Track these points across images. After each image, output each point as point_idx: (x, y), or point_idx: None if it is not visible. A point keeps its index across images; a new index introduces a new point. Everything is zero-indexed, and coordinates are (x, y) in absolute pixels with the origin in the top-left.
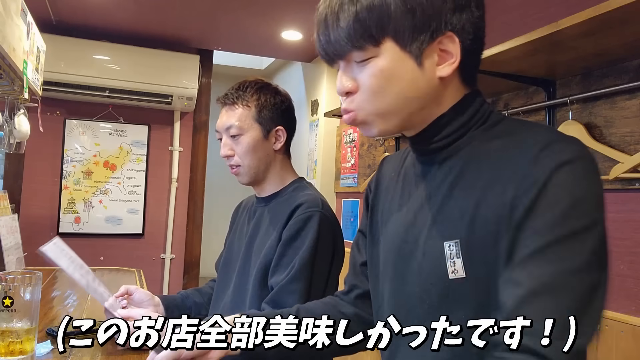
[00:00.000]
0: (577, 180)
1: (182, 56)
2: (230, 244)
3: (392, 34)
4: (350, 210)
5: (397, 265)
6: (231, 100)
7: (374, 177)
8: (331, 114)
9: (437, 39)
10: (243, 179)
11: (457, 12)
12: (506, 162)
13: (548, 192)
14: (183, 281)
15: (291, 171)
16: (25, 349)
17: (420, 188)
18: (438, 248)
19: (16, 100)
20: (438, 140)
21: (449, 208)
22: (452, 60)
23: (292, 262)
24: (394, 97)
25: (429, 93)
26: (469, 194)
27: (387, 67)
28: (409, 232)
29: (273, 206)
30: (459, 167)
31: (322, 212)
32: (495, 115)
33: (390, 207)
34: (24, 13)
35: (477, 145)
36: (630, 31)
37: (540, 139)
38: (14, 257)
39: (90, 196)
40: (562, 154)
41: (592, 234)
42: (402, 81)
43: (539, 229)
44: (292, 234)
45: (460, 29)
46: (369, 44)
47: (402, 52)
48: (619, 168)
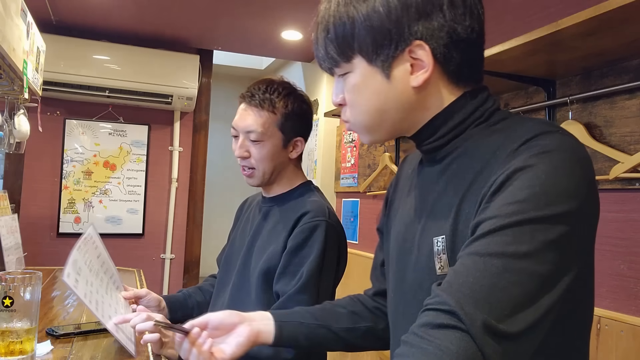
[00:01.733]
0: (551, 169)
1: (182, 56)
2: (232, 240)
3: (358, 50)
4: (350, 210)
5: (398, 262)
6: (258, 101)
7: (397, 174)
8: (331, 114)
9: (404, 49)
10: (254, 182)
11: (423, 20)
12: (492, 157)
13: (514, 178)
14: (183, 281)
15: (300, 174)
16: (25, 349)
17: (420, 185)
18: (429, 244)
19: (16, 100)
20: (433, 140)
21: (440, 204)
22: (424, 69)
23: (299, 272)
24: (371, 111)
25: (405, 103)
26: (458, 189)
27: (358, 82)
28: (408, 229)
29: (279, 208)
30: (455, 163)
31: (328, 222)
32: (500, 113)
33: (399, 205)
34: (24, 13)
35: (474, 142)
36: (630, 31)
37: (525, 133)
38: (14, 257)
39: (90, 196)
40: (541, 145)
41: (553, 226)
42: (374, 95)
43: (496, 212)
44: (299, 242)
45: (429, 36)
46: (342, 60)
47: (369, 66)
48: (619, 168)
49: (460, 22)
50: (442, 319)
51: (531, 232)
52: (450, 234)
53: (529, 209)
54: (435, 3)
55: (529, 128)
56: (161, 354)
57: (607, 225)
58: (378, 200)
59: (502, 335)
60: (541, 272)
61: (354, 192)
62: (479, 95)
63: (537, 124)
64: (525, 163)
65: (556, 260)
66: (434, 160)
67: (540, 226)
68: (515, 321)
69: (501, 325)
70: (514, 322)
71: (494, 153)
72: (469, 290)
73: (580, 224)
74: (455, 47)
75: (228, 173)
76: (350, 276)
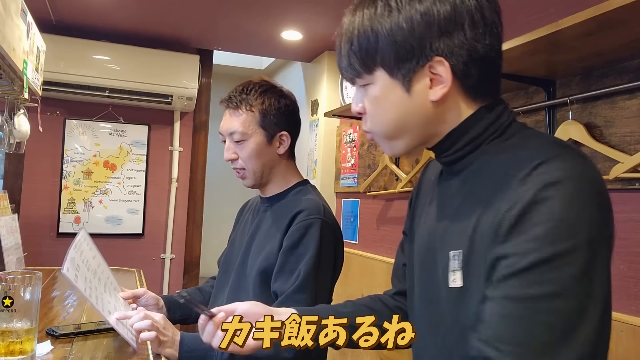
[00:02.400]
0: (563, 201)
1: (182, 56)
2: (232, 242)
3: (380, 63)
4: (350, 210)
5: (421, 270)
6: (235, 104)
7: (420, 177)
8: (331, 114)
9: (425, 65)
10: (248, 182)
11: (444, 37)
12: (503, 178)
13: (530, 213)
14: (183, 281)
15: (295, 173)
16: (25, 349)
17: (440, 197)
18: (446, 256)
19: (16, 100)
20: (449, 154)
21: (458, 219)
22: (442, 85)
23: (296, 271)
24: (390, 122)
25: (423, 116)
26: (475, 206)
27: (378, 94)
28: (430, 240)
29: (275, 208)
30: (471, 179)
31: (323, 219)
32: (515, 126)
33: (422, 212)
34: (24, 13)
35: (488, 158)
36: (630, 31)
37: (535, 157)
38: (14, 257)
39: (90, 196)
40: (551, 173)
41: (576, 258)
42: (393, 107)
43: (516, 250)
44: (294, 241)
45: (449, 53)
46: (364, 72)
47: (390, 79)
48: (619, 168)
49: (480, 41)
50: None
51: (555, 270)
52: (467, 250)
53: (548, 244)
54: (457, 22)
55: (538, 149)
56: (160, 353)
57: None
58: (378, 200)
59: None
60: (573, 308)
61: (354, 192)
62: (494, 109)
63: (546, 144)
64: (539, 196)
65: (585, 291)
66: (452, 172)
67: (563, 260)
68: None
69: None
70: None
71: (506, 173)
72: (508, 342)
73: (601, 247)
74: (474, 64)
75: (228, 173)
76: (350, 276)
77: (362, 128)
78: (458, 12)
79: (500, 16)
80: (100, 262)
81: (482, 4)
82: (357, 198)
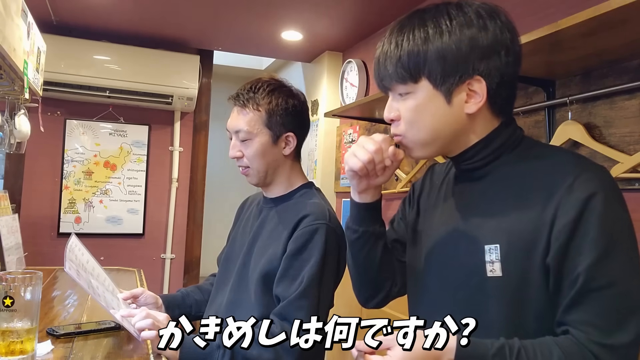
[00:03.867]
0: (606, 207)
1: (182, 56)
2: (233, 240)
3: (427, 75)
4: None
5: (438, 267)
6: (242, 102)
7: (420, 180)
8: (331, 114)
9: (465, 81)
10: (252, 180)
11: (485, 60)
12: (540, 185)
13: (584, 218)
14: (183, 281)
15: (300, 175)
16: (26, 349)
17: (461, 201)
18: (479, 250)
19: (16, 101)
20: (473, 162)
21: (488, 218)
22: (478, 100)
23: (299, 276)
24: (427, 129)
25: (458, 126)
26: (506, 207)
27: (420, 103)
28: (450, 238)
29: (279, 210)
30: (496, 184)
31: (329, 225)
32: (527, 140)
33: (433, 214)
34: (24, 13)
35: (512, 166)
36: (630, 31)
37: (571, 170)
38: (15, 257)
39: (91, 196)
40: (590, 185)
41: (625, 249)
42: (433, 115)
43: (584, 250)
44: (299, 246)
45: (486, 73)
46: (409, 80)
47: (434, 90)
48: (619, 168)
49: (511, 67)
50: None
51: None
52: (505, 244)
53: (606, 244)
54: (496, 49)
55: (565, 163)
56: (161, 353)
57: None
58: None
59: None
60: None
61: None
62: (511, 125)
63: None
64: (586, 207)
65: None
66: (471, 178)
67: (617, 252)
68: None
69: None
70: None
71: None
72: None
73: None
74: (503, 86)
75: (228, 173)
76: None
77: (391, 132)
78: (497, 41)
79: (521, 48)
80: (94, 265)
81: (514, 39)
82: None
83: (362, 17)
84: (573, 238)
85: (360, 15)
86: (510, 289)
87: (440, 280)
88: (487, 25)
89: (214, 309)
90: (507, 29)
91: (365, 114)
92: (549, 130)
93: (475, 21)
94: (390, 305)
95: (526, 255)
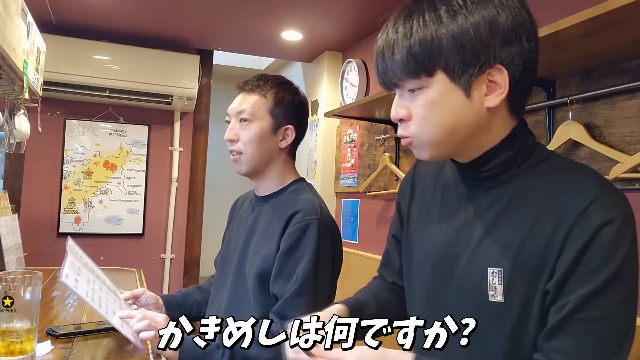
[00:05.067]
0: (617, 239)
1: (182, 56)
2: (227, 241)
3: (443, 67)
4: (350, 210)
5: (435, 276)
6: (250, 87)
7: (408, 181)
8: (331, 114)
9: (486, 71)
10: (241, 168)
11: (506, 46)
12: (555, 206)
13: (592, 247)
14: (183, 281)
15: (293, 172)
16: (25, 349)
17: (465, 209)
18: (481, 271)
19: (16, 101)
20: (486, 170)
21: (495, 236)
22: (500, 91)
23: (294, 274)
24: (444, 127)
25: (477, 122)
26: (516, 227)
27: (436, 99)
28: (450, 249)
29: (271, 206)
30: (506, 198)
31: (320, 219)
32: (540, 150)
33: (428, 217)
34: (24, 13)
35: (525, 180)
36: (630, 31)
37: (588, 192)
38: (14, 257)
39: (91, 196)
40: (607, 211)
41: (624, 284)
42: (451, 112)
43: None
44: (291, 243)
45: (509, 61)
46: (423, 74)
47: (451, 83)
48: (619, 168)
49: (533, 54)
50: None
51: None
52: (509, 269)
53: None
54: (517, 34)
55: (582, 184)
56: (161, 353)
57: None
58: (378, 200)
59: None
60: (621, 328)
61: (354, 192)
62: (523, 129)
63: (589, 180)
64: (596, 235)
65: (628, 313)
66: (478, 186)
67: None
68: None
69: None
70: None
71: (555, 204)
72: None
73: (636, 271)
74: (526, 75)
75: (228, 173)
76: (350, 276)
77: (399, 134)
78: (518, 24)
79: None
80: (93, 267)
81: (533, 21)
82: (357, 198)
83: (362, 17)
84: (576, 266)
85: (360, 15)
86: (512, 316)
87: (437, 293)
88: (505, 3)
89: (214, 312)
90: (524, 10)
91: (365, 114)
92: (549, 130)
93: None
94: None
95: (531, 282)
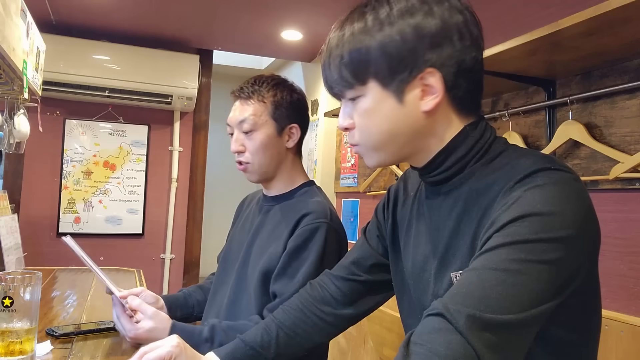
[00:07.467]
0: (543, 198)
1: (182, 56)
2: (232, 238)
3: (374, 75)
4: (350, 210)
5: (415, 290)
6: (247, 94)
7: (396, 186)
8: (331, 114)
9: (417, 75)
10: (252, 177)
11: (436, 49)
12: (493, 196)
13: (512, 206)
14: (183, 281)
15: (301, 172)
16: (25, 349)
17: (431, 219)
18: (448, 278)
19: (16, 100)
20: (437, 174)
21: (456, 241)
22: (435, 95)
23: (296, 275)
24: (383, 134)
25: (416, 126)
26: (469, 229)
27: (371, 106)
28: (426, 261)
29: (280, 208)
30: (462, 201)
31: (330, 224)
32: (497, 144)
33: (408, 230)
34: (24, 13)
35: (477, 179)
36: (630, 31)
37: (522, 170)
38: (14, 257)
39: (90, 196)
40: (536, 181)
41: (549, 248)
42: (386, 118)
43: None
44: (299, 244)
45: (440, 64)
46: (356, 83)
47: (383, 91)
48: (619, 168)
49: (468, 53)
50: (433, 322)
51: (527, 252)
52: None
53: (525, 232)
54: (446, 35)
55: (525, 166)
56: None
57: (607, 225)
58: (378, 200)
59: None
60: (531, 288)
61: (354, 192)
62: (478, 126)
63: (534, 161)
64: (520, 195)
65: (548, 279)
66: (439, 192)
67: (536, 247)
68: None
69: (487, 314)
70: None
71: (496, 192)
72: (460, 296)
73: (575, 251)
74: (462, 76)
75: (228, 173)
76: None
77: (348, 142)
78: (447, 26)
79: (481, 31)
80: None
81: (467, 19)
82: (357, 198)
83: None
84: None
85: None
86: None
87: (421, 308)
88: (434, 10)
89: (215, 309)
90: (457, 11)
91: None
92: (550, 130)
93: (418, 7)
94: (390, 305)
95: None
